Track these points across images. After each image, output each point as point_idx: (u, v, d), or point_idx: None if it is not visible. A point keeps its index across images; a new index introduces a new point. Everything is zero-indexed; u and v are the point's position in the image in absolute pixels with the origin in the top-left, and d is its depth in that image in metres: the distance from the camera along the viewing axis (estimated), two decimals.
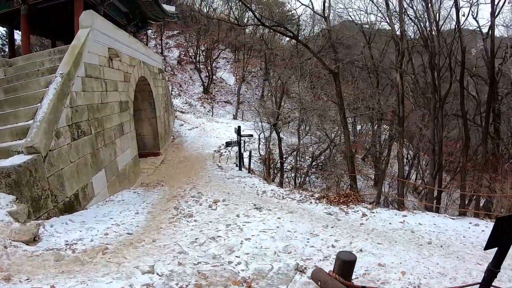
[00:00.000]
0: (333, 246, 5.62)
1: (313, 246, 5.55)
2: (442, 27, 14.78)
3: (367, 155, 24.94)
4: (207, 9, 35.42)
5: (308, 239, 5.88)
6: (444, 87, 15.31)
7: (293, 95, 27.79)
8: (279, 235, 5.91)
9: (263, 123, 17.69)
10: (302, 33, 25.73)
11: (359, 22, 23.30)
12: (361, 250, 5.47)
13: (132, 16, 15.40)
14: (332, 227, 6.62)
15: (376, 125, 22.92)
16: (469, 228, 6.49)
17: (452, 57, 14.86)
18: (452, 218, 7.08)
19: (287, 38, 35.07)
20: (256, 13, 14.08)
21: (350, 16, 22.94)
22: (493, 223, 2.07)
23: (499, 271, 2.78)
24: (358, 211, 7.64)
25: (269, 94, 27.13)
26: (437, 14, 13.99)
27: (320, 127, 20.30)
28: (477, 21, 14.14)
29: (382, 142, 23.04)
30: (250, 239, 5.63)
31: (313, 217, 7.13)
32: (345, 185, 18.11)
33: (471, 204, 15.68)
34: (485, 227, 6.54)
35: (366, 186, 22.34)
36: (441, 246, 5.73)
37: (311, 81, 19.09)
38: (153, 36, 34.33)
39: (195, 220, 6.46)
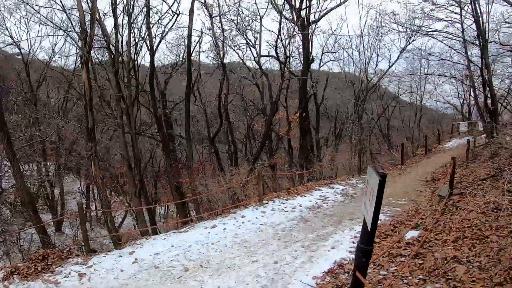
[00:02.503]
0: None
1: None
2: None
3: (36, 199, 21.73)
4: None
5: None
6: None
7: None
8: None
9: None
10: None
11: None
12: None
13: None
14: None
15: (42, 160, 20.37)
16: (209, 232, 6.70)
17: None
18: (185, 232, 6.93)
19: None
20: None
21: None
22: None
23: (371, 248, 2.57)
24: (69, 273, 5.64)
25: None
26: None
27: None
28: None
29: (51, 177, 21.53)
30: None
31: None
32: (26, 243, 14.29)
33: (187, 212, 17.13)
34: (222, 224, 7.13)
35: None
36: (201, 266, 5.32)
37: None
38: None
39: None
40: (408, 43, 21.34)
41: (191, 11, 14.72)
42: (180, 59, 20.33)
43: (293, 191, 10.37)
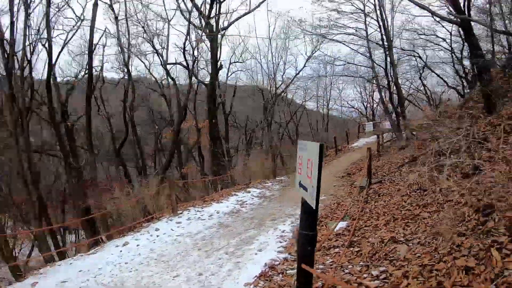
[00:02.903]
0: None
1: None
2: None
3: None
4: None
5: None
6: None
7: None
8: None
9: None
10: None
11: None
12: None
13: None
14: None
15: None
16: (121, 251, 6.04)
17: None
18: (94, 253, 6.27)
19: None
20: None
21: None
22: None
23: (316, 233, 2.43)
24: None
25: None
26: None
27: None
28: None
29: None
30: None
31: None
32: None
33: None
34: (135, 240, 6.50)
35: None
36: None
37: None
38: None
39: None
40: (314, 50, 22.40)
41: (95, 5, 13.68)
42: (83, 68, 18.81)
43: (208, 198, 9.94)
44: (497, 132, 5.08)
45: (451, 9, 11.83)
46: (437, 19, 14.96)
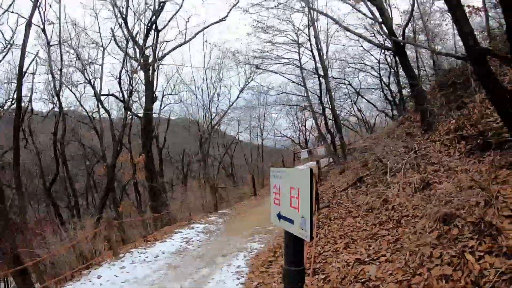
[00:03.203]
0: None
1: None
2: None
3: None
4: None
5: None
6: None
7: None
8: None
9: None
10: None
11: None
12: None
13: None
14: None
15: None
16: None
17: None
18: None
19: None
20: None
21: None
22: None
23: (304, 268, 2.33)
24: None
25: None
26: None
27: None
28: None
29: None
30: None
31: None
32: None
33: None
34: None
35: None
36: None
37: None
38: None
39: None
40: (248, 81, 23.04)
41: (29, 25, 12.70)
42: (10, 97, 17.45)
43: (151, 238, 9.38)
44: (437, 147, 5.51)
45: (379, 38, 13.03)
46: (367, 47, 16.40)
